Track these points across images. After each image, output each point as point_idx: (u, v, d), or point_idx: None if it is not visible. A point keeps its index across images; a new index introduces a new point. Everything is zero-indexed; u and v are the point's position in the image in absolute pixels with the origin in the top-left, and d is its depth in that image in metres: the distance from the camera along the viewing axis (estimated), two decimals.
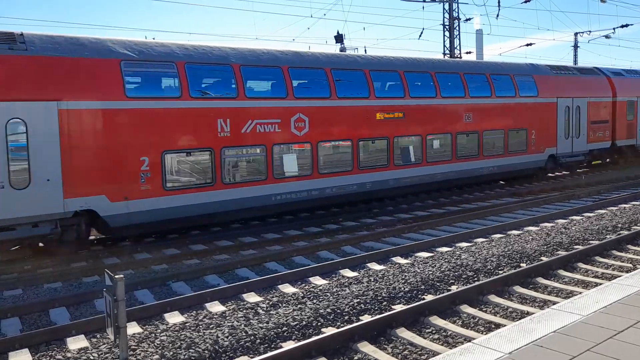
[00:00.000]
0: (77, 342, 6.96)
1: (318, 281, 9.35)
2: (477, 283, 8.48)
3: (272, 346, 6.65)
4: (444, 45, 30.59)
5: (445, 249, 11.28)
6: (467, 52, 36.03)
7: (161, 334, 6.96)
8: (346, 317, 7.45)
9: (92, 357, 6.44)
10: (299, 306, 7.80)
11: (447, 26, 30.46)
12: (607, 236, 11.65)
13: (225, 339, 6.70)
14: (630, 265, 9.66)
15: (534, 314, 6.31)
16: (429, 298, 8.04)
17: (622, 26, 35.54)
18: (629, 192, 17.93)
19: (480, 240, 11.89)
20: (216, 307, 8.15)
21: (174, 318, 7.70)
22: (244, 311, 7.72)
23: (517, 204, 16.43)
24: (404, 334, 6.87)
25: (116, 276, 5.62)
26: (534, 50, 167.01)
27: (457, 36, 30.63)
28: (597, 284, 8.54)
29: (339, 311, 7.57)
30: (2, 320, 8.11)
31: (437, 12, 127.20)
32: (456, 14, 30.41)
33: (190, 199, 12.69)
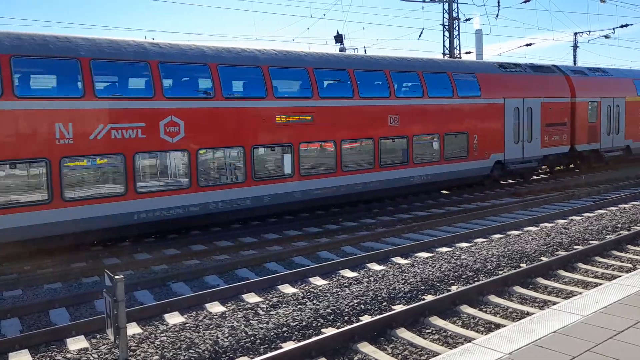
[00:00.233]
0: (77, 343, 6.96)
1: (318, 281, 9.36)
2: (477, 283, 8.48)
3: (272, 347, 6.65)
4: (443, 46, 30.59)
5: (445, 249, 11.28)
6: (466, 52, 36.00)
7: (161, 335, 6.96)
8: (346, 318, 7.45)
9: (92, 358, 6.44)
10: (298, 306, 7.80)
11: (446, 26, 30.44)
12: (607, 236, 11.65)
13: (225, 339, 6.70)
14: (630, 266, 9.66)
15: (534, 314, 6.30)
16: (429, 298, 8.04)
17: (622, 26, 35.55)
18: (629, 192, 17.95)
19: (480, 240, 11.90)
20: (216, 307, 8.14)
21: (174, 318, 7.70)
22: (244, 312, 7.72)
23: (516, 204, 16.46)
24: (404, 334, 6.87)
25: (116, 277, 5.62)
26: (533, 50, 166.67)
27: (457, 36, 30.62)
28: (597, 284, 8.55)
29: (338, 311, 7.57)
30: (2, 321, 8.11)
31: (436, 12, 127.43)
32: (456, 14, 30.40)
33: (19, 220, 10.48)
